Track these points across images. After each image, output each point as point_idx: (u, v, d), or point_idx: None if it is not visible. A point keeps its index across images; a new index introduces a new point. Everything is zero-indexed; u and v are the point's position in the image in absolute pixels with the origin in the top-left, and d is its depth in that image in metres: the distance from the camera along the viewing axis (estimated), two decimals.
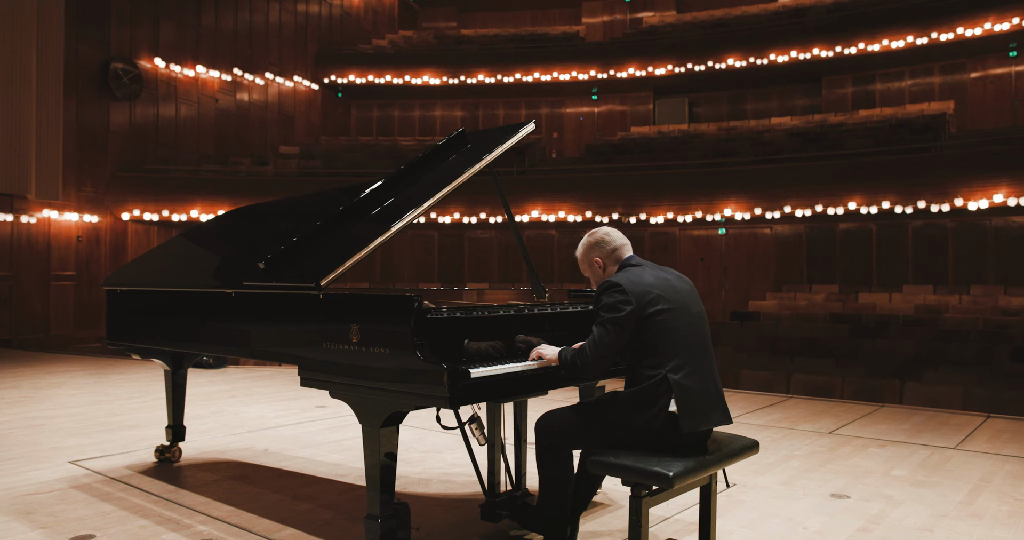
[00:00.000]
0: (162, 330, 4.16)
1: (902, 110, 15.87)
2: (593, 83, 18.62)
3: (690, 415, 2.66)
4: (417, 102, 19.04)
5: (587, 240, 3.05)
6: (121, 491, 3.95)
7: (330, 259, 3.21)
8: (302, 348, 3.16)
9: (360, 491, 3.98)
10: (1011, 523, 3.50)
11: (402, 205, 3.47)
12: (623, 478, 2.68)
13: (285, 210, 4.68)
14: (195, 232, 5.05)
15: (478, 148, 3.86)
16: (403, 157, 15.96)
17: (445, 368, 2.61)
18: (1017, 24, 14.68)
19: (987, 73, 16.44)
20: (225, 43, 15.32)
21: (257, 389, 7.48)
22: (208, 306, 3.75)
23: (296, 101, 17.13)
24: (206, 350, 4.05)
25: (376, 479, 2.93)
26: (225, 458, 4.71)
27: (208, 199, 13.49)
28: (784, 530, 3.36)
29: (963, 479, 4.26)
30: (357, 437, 5.30)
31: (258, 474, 4.33)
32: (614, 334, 2.69)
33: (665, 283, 2.81)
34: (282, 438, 5.26)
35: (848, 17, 16.64)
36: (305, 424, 5.76)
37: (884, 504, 3.75)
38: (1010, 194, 11.36)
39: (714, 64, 17.32)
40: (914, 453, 4.88)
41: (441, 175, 3.68)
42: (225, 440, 5.20)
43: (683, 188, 14.18)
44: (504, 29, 20.47)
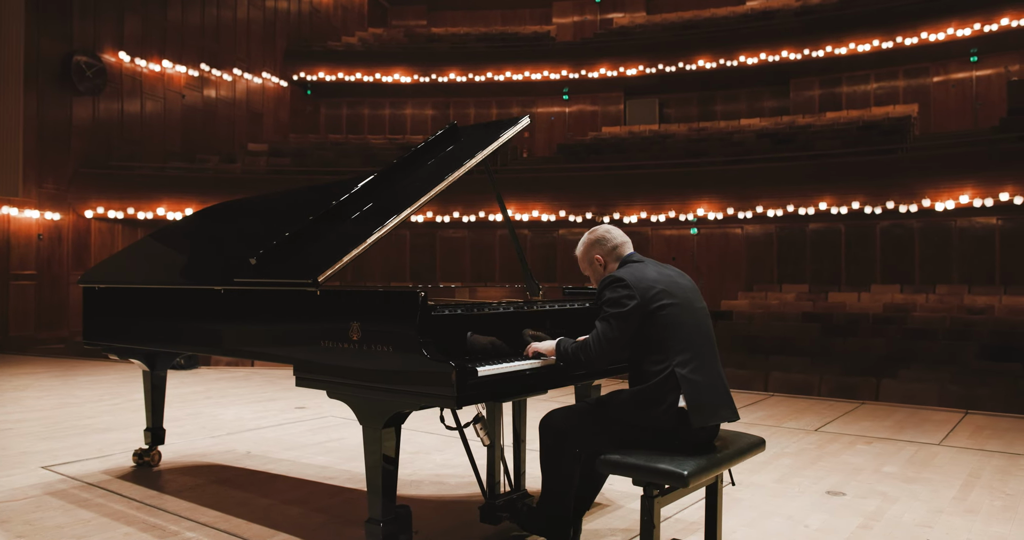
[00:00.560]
0: (143, 329, 4.01)
1: (868, 113, 16.12)
2: (564, 83, 18.61)
3: (699, 410, 2.62)
4: (387, 100, 18.85)
5: (587, 238, 3.02)
6: (100, 497, 3.80)
7: (326, 255, 3.12)
8: (297, 347, 3.05)
9: (351, 494, 3.88)
10: (1006, 517, 3.53)
11: (397, 201, 3.39)
12: (634, 477, 2.62)
13: (267, 207, 4.56)
14: (173, 229, 4.90)
15: (472, 142, 3.79)
16: (374, 156, 15.79)
17: (453, 367, 2.53)
18: (978, 30, 14.98)
19: (949, 77, 16.76)
20: (192, 38, 14.99)
21: (232, 390, 7.30)
22: (194, 304, 3.63)
23: (265, 98, 16.85)
24: (191, 350, 3.92)
25: (377, 482, 2.86)
26: (207, 461, 4.57)
27: (175, 197, 13.18)
28: (785, 528, 3.34)
29: (952, 475, 4.29)
30: (341, 439, 5.19)
31: (243, 477, 4.20)
32: (618, 329, 2.64)
33: (668, 279, 2.77)
34: (264, 440, 5.13)
35: (815, 20, 16.85)
36: (286, 426, 5.62)
37: (880, 501, 3.76)
38: (975, 195, 11.58)
39: (684, 65, 17.42)
40: (901, 450, 4.92)
41: (435, 170, 3.61)
42: (205, 443, 5.05)
43: (656, 188, 14.23)
44: (475, 28, 20.38)
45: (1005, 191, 11.34)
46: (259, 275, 3.24)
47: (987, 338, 9.69)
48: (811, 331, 10.82)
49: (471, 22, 21.30)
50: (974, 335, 9.94)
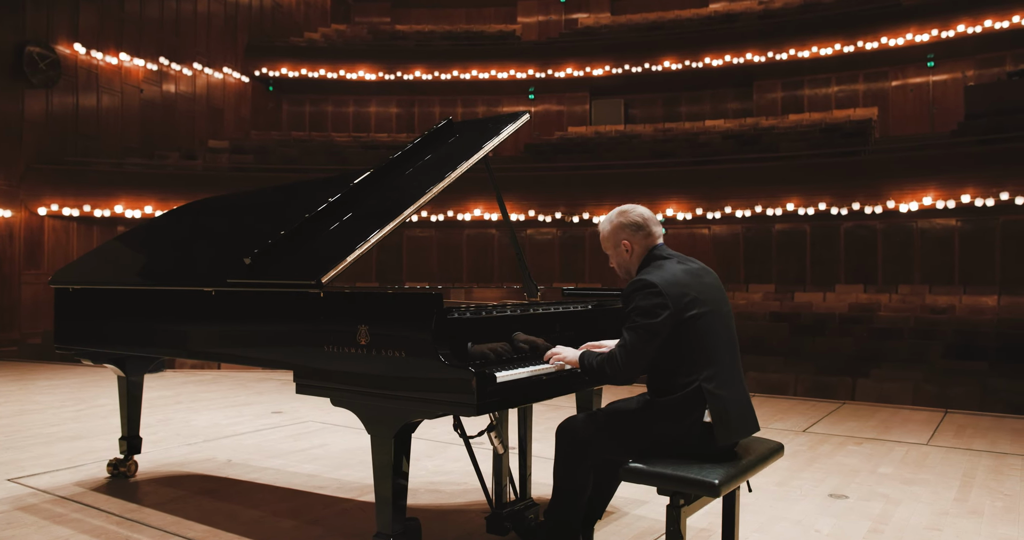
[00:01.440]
0: (122, 333, 3.80)
1: (830, 115, 16.37)
2: (530, 82, 18.54)
3: (725, 427, 2.52)
4: (351, 98, 18.54)
5: (619, 219, 2.80)
6: (76, 512, 3.58)
7: (328, 254, 2.96)
8: (297, 352, 2.90)
9: (345, 504, 3.73)
10: (1010, 519, 3.53)
11: (397, 198, 3.25)
12: (660, 486, 2.53)
13: (251, 204, 4.37)
14: (149, 228, 4.67)
15: (471, 138, 3.67)
16: (339, 153, 15.51)
17: (473, 373, 2.41)
18: (936, 36, 15.31)
19: (907, 82, 17.11)
20: (150, 30, 14.52)
21: (203, 394, 7.04)
22: (180, 306, 3.43)
23: (225, 94, 16.41)
24: (174, 355, 3.72)
25: (387, 494, 2.72)
26: (186, 471, 4.36)
27: (133, 194, 12.74)
28: (797, 533, 3.29)
29: (948, 475, 4.31)
30: (325, 445, 5.02)
31: (227, 488, 4.01)
32: (648, 340, 2.49)
33: (698, 281, 2.63)
34: (244, 447, 4.93)
35: (778, 24, 17.07)
36: (264, 432, 5.42)
37: (884, 503, 3.74)
38: (938, 197, 11.82)
39: (650, 66, 17.49)
40: (891, 450, 4.93)
41: (436, 167, 3.47)
42: (181, 451, 4.83)
43: (625, 188, 14.22)
44: (439, 26, 20.19)
45: (966, 193, 11.59)
46: (255, 276, 3.07)
47: (951, 337, 9.87)
48: (781, 331, 10.91)
49: (435, 20, 21.10)
50: (938, 334, 10.11)
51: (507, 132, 3.56)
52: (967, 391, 7.40)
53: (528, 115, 3.83)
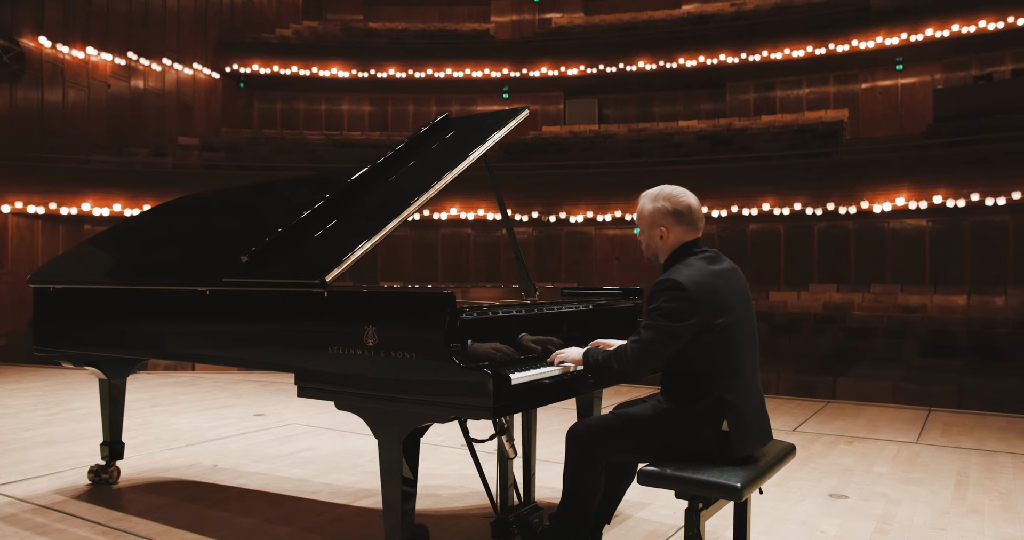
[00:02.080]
0: (106, 334, 3.65)
1: (802, 117, 16.54)
2: (505, 81, 18.47)
3: (743, 438, 2.46)
4: (323, 95, 18.30)
5: (664, 203, 2.63)
6: (59, 521, 3.43)
7: (330, 252, 2.87)
8: (299, 354, 2.80)
9: (340, 510, 3.62)
10: (1010, 518, 3.55)
11: (398, 195, 3.16)
12: (679, 490, 2.47)
13: (241, 202, 4.24)
14: (133, 226, 4.51)
15: (473, 133, 3.60)
16: (312, 152, 15.30)
17: (489, 375, 2.34)
18: (905, 39, 15.54)
19: (876, 84, 17.34)
20: (118, 25, 14.17)
21: (181, 396, 6.86)
22: (171, 306, 3.31)
23: (195, 90, 16.08)
24: (163, 357, 3.59)
25: (396, 501, 2.62)
26: (171, 477, 4.21)
27: (101, 191, 12.42)
28: (803, 535, 3.27)
29: (942, 474, 4.33)
30: (313, 449, 4.90)
31: (216, 494, 3.88)
32: (666, 343, 2.41)
33: (728, 284, 2.52)
34: (229, 452, 4.79)
35: (751, 26, 17.20)
36: (249, 435, 5.28)
37: (885, 503, 3.74)
38: (911, 197, 11.99)
39: (625, 66, 17.53)
40: (883, 449, 4.95)
41: (436, 163, 3.39)
42: (164, 456, 4.68)
43: (601, 188, 14.24)
44: (412, 24, 20.02)
45: (938, 194, 11.77)
46: (253, 274, 2.96)
47: (924, 336, 10.00)
48: (759, 330, 10.97)
49: (408, 18, 20.92)
50: (911, 333, 10.25)
51: (508, 127, 3.50)
52: (945, 389, 7.50)
53: (527, 110, 3.76)
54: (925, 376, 8.10)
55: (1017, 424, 6.10)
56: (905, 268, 13.01)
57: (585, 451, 2.68)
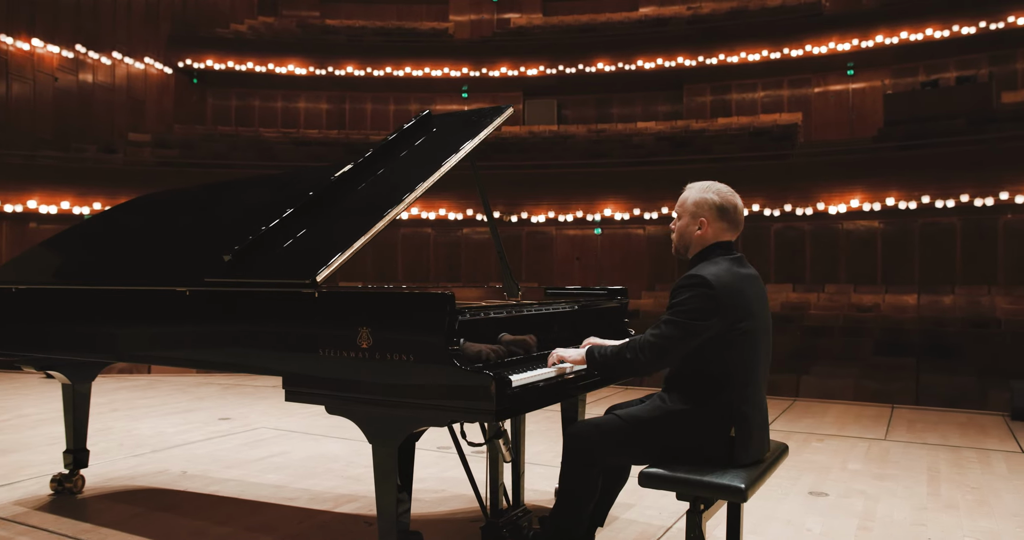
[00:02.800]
0: (73, 337, 3.48)
1: (757, 120, 16.82)
2: (464, 81, 18.39)
3: (746, 446, 2.44)
4: (280, 92, 17.98)
5: (712, 196, 2.57)
6: (23, 534, 3.26)
7: (319, 251, 2.79)
8: (287, 356, 2.70)
9: (322, 517, 3.53)
10: (984, 512, 3.63)
11: (387, 193, 3.08)
12: (681, 492, 2.45)
13: (215, 199, 4.09)
14: (99, 223, 4.32)
15: (458, 131, 3.54)
16: (269, 149, 15.02)
17: (492, 377, 2.29)
18: (856, 45, 15.92)
19: (828, 89, 17.72)
20: (66, 16, 13.69)
21: (140, 401, 6.63)
22: (146, 308, 3.17)
23: (147, 85, 15.63)
24: (135, 360, 3.45)
25: (391, 508, 2.54)
26: (138, 485, 4.05)
27: (48, 188, 11.97)
28: (790, 533, 3.29)
29: (914, 470, 4.41)
30: (285, 453, 4.78)
31: (188, 503, 3.75)
32: (685, 340, 2.37)
33: (752, 289, 2.48)
34: (197, 458, 4.63)
35: (708, 29, 17.44)
36: (216, 440, 5.12)
37: (864, 500, 3.79)
38: (864, 199, 12.29)
39: (584, 67, 17.61)
40: (854, 446, 5.03)
41: (422, 161, 3.32)
42: (129, 463, 4.50)
43: (563, 188, 14.27)
44: (370, 22, 19.79)
45: (890, 196, 12.08)
46: (237, 274, 2.86)
47: (879, 335, 10.24)
48: None
49: (366, 16, 20.68)
50: (866, 332, 10.49)
51: (495, 124, 3.44)
52: (904, 387, 7.69)
53: (512, 108, 3.71)
54: (883, 374, 8.29)
55: (976, 420, 6.27)
56: (858, 268, 13.32)
57: (585, 452, 2.63)
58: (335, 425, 5.63)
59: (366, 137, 16.82)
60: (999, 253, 11.85)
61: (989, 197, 11.31)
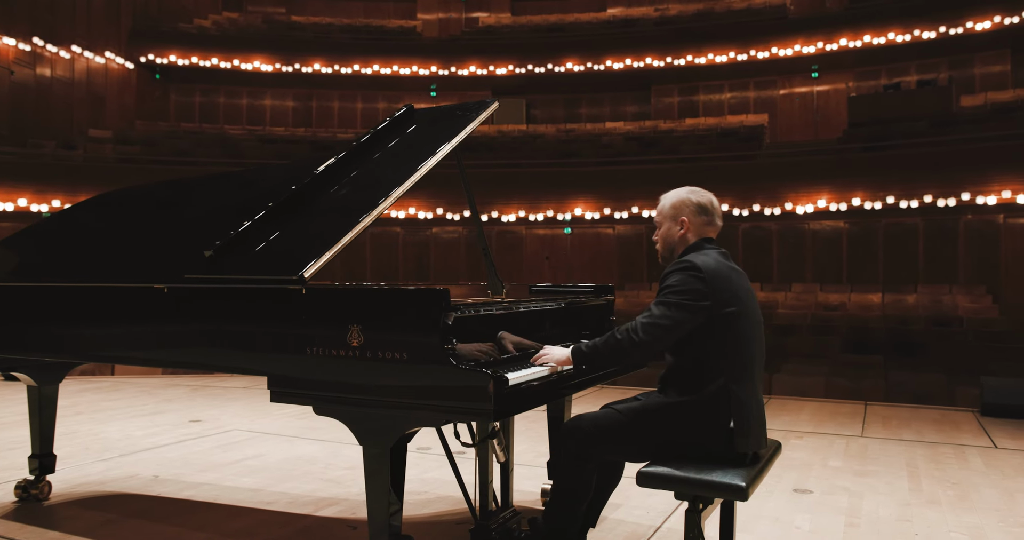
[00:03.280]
0: (42, 337, 3.34)
1: (724, 120, 16.97)
2: (433, 79, 18.28)
3: (745, 435, 2.42)
4: (245, 89, 17.68)
5: (689, 195, 2.64)
6: None
7: (305, 247, 2.71)
8: (272, 356, 2.61)
9: (303, 521, 3.43)
10: (966, 507, 3.66)
11: (373, 188, 3.01)
12: (680, 491, 2.42)
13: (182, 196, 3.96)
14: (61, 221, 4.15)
15: (442, 125, 3.48)
16: (234, 147, 14.75)
17: (490, 376, 2.23)
18: (821, 48, 16.17)
19: (793, 91, 17.96)
20: (22, 8, 13.27)
21: (105, 403, 6.43)
22: (122, 306, 3.05)
23: (108, 80, 15.24)
24: (108, 360, 3.32)
25: (383, 512, 2.47)
26: (108, 490, 3.91)
27: (5, 185, 11.58)
28: (780, 531, 3.28)
29: (894, 466, 4.44)
30: (260, 456, 4.65)
31: (162, 508, 3.62)
32: (677, 320, 2.36)
33: (739, 279, 2.52)
34: (168, 461, 4.49)
35: (676, 30, 17.56)
36: (187, 443, 4.97)
37: (848, 496, 3.80)
38: (831, 200, 12.46)
39: (553, 67, 17.62)
40: (832, 443, 5.06)
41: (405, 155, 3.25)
42: (97, 468, 4.34)
43: (534, 187, 14.25)
44: (337, 19, 19.57)
45: (856, 196, 12.27)
46: (219, 270, 2.76)
47: (846, 333, 10.38)
48: None
49: (332, 13, 20.45)
50: (834, 330, 10.62)
51: (481, 118, 3.40)
52: (874, 384, 7.79)
53: (497, 103, 3.66)
54: (853, 372, 8.39)
55: (947, 416, 6.37)
56: (824, 268, 13.49)
57: (582, 448, 2.58)
58: (310, 427, 5.51)
59: (333, 135, 16.62)
60: (959, 253, 12.09)
61: (951, 198, 11.54)
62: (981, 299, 11.21)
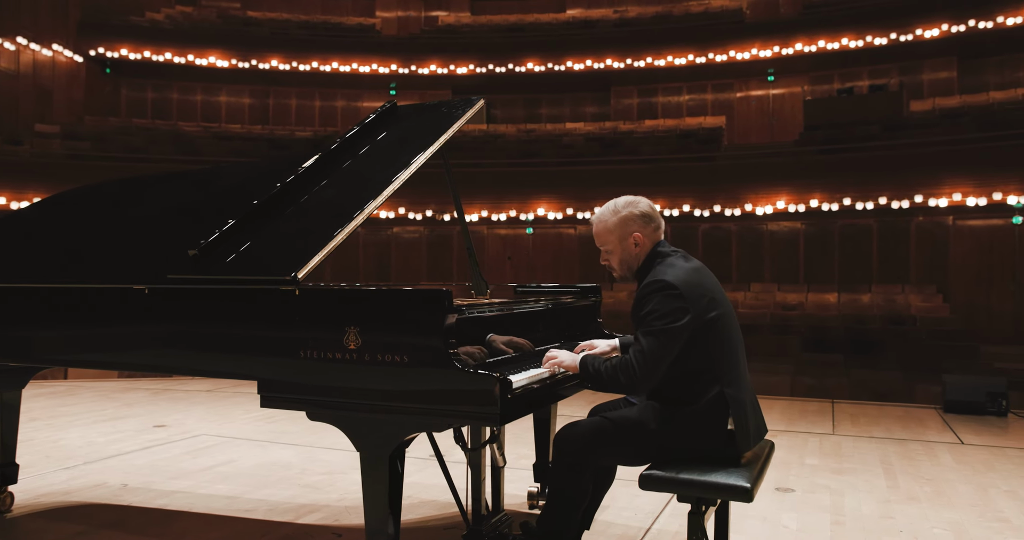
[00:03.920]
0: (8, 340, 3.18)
1: (683, 122, 17.15)
2: (392, 78, 18.10)
3: (746, 433, 2.43)
4: (199, 85, 17.25)
5: (628, 210, 2.57)
6: None
7: (296, 246, 2.63)
8: (263, 360, 2.52)
9: (285, 529, 3.33)
10: (944, 503, 3.73)
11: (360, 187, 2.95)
12: (683, 493, 2.40)
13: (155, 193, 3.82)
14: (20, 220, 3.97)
15: (429, 122, 3.43)
16: (189, 144, 14.39)
17: (497, 379, 2.18)
18: (777, 52, 16.44)
19: (749, 94, 18.24)
20: None
21: (62, 409, 6.18)
22: (97, 308, 2.91)
23: (55, 74, 14.71)
24: (78, 365, 3.17)
25: (384, 520, 2.39)
26: (75, 501, 3.74)
27: None
28: (768, 530, 3.29)
29: (869, 464, 4.51)
30: (232, 461, 4.52)
31: (136, 518, 3.48)
32: (668, 346, 2.34)
33: (710, 280, 2.53)
34: (136, 469, 4.32)
35: (635, 32, 17.69)
36: (154, 449, 4.80)
37: (829, 495, 3.85)
38: (789, 201, 12.68)
39: (514, 67, 17.60)
40: (806, 441, 5.12)
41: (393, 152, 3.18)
42: (60, 477, 4.16)
43: (496, 187, 14.21)
44: (294, 15, 19.25)
45: (814, 198, 12.50)
46: (205, 271, 2.66)
47: (805, 332, 10.57)
48: None
49: (289, 8, 20.11)
50: (793, 330, 10.81)
51: (467, 116, 3.35)
52: (837, 382, 7.94)
53: (483, 101, 3.61)
54: (816, 370, 8.55)
55: (912, 413, 6.52)
56: (782, 268, 13.72)
57: (578, 456, 2.55)
58: (281, 431, 5.38)
59: (291, 133, 16.34)
60: (911, 253, 12.41)
61: (905, 200, 11.83)
62: (932, 298, 11.51)
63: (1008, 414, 6.32)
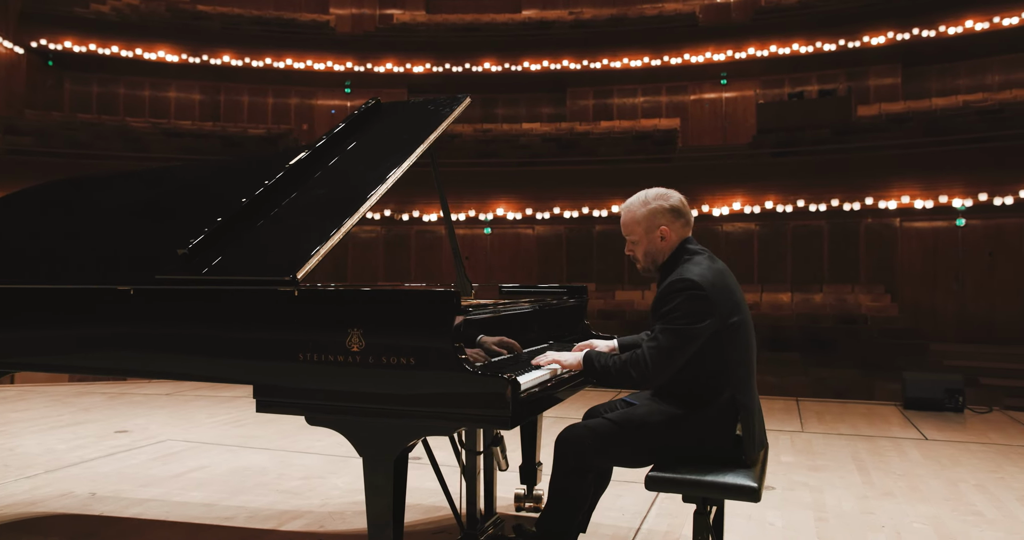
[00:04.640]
0: None
1: (638, 124, 17.33)
2: (347, 76, 17.88)
3: (752, 439, 2.43)
4: (148, 80, 16.76)
5: (658, 202, 2.53)
6: None
7: (292, 245, 2.56)
8: (259, 363, 2.44)
9: (270, 536, 3.23)
10: (919, 497, 3.83)
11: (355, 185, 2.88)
12: (689, 494, 2.41)
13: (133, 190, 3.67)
14: None
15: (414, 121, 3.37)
16: (137, 140, 13.98)
17: (507, 381, 2.15)
18: (730, 56, 16.74)
19: (703, 97, 18.52)
20: None
21: (14, 415, 5.91)
22: (78, 310, 2.79)
23: None
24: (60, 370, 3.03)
25: (387, 527, 2.34)
26: (41, 511, 3.58)
27: None
28: (754, 528, 3.33)
29: (841, 460, 4.61)
30: (204, 467, 4.38)
31: (108, 529, 3.33)
32: (686, 346, 2.32)
33: (733, 282, 2.48)
34: (103, 477, 4.16)
35: (591, 34, 17.81)
36: (119, 455, 4.63)
37: (808, 492, 3.91)
38: (745, 203, 12.91)
39: (471, 66, 17.55)
40: (778, 438, 5.21)
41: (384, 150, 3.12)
42: (22, 486, 3.98)
43: (455, 186, 14.10)
44: (246, 10, 18.84)
45: (769, 200, 12.75)
46: (196, 271, 2.56)
47: (761, 331, 10.76)
48: (610, 328, 11.32)
49: (241, 3, 19.67)
50: None
51: (455, 114, 3.31)
52: (797, 381, 8.10)
53: (469, 98, 3.57)
54: (776, 368, 8.71)
55: (874, 410, 6.68)
56: (737, 268, 13.89)
57: (583, 459, 2.53)
58: (250, 435, 5.25)
59: (244, 130, 16.00)
60: (860, 254, 12.75)
61: (856, 202, 12.15)
62: (881, 298, 11.85)
63: (965, 410, 6.53)
